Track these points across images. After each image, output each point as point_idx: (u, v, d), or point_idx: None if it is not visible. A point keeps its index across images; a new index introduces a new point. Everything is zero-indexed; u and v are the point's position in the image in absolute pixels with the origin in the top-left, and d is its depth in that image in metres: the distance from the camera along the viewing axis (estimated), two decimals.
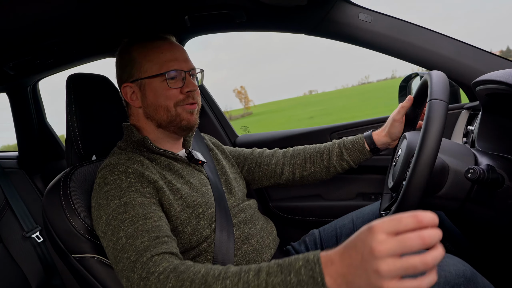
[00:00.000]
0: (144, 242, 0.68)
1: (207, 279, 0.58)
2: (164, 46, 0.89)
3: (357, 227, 1.04)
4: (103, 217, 0.74)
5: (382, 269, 0.45)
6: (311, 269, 0.51)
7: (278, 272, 0.54)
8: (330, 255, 0.52)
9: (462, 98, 1.22)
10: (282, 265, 0.54)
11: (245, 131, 1.81)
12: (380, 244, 0.46)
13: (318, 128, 1.49)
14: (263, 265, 0.57)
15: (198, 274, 0.60)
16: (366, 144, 1.02)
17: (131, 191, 0.76)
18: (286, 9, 1.09)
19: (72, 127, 0.95)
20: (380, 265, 0.45)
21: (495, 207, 0.72)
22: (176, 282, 0.60)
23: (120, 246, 0.69)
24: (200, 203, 0.84)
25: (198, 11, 1.12)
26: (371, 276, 0.46)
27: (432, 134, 0.64)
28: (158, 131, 0.91)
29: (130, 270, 0.65)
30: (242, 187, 1.04)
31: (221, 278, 0.58)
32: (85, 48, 1.27)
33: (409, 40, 1.09)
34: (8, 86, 1.67)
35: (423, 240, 0.44)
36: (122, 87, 0.90)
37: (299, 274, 0.52)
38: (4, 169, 1.71)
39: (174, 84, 0.86)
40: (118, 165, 0.79)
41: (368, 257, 0.46)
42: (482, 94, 0.83)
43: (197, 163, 0.93)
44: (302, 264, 0.52)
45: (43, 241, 1.63)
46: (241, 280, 0.56)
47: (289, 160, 1.08)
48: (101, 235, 0.75)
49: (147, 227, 0.71)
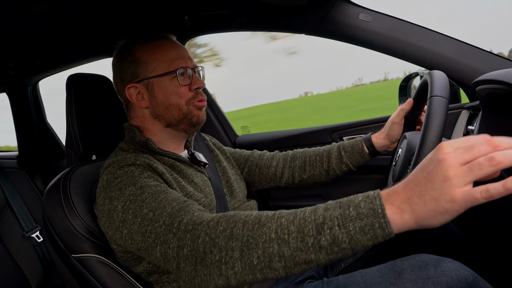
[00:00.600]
0: (175, 206, 0.65)
1: (261, 219, 0.56)
2: (168, 44, 0.88)
3: None
4: (118, 207, 0.71)
5: (450, 175, 0.44)
6: (371, 202, 0.50)
7: (336, 207, 0.52)
8: (392, 188, 0.50)
9: (462, 98, 1.22)
10: (341, 201, 0.53)
11: (245, 131, 1.81)
12: (448, 154, 0.45)
13: (318, 128, 1.49)
14: (319, 205, 0.54)
15: (251, 216, 0.57)
16: (365, 146, 1.02)
17: (144, 177, 0.74)
18: (286, 9, 1.09)
19: (72, 127, 0.94)
20: (448, 171, 0.44)
21: (495, 207, 0.72)
22: (228, 224, 0.57)
23: (148, 221, 0.65)
24: (204, 203, 0.84)
25: (198, 11, 1.12)
26: (441, 187, 0.45)
27: (433, 129, 0.64)
28: (165, 131, 0.90)
29: (167, 232, 0.62)
30: (243, 188, 1.04)
31: (275, 217, 0.55)
32: (85, 48, 1.27)
33: (409, 40, 1.09)
34: (8, 86, 1.67)
35: (492, 143, 0.44)
36: (126, 88, 0.87)
37: (359, 207, 0.50)
38: (4, 169, 1.71)
39: (183, 82, 0.86)
40: (126, 159, 0.78)
41: (436, 168, 0.46)
42: (482, 93, 0.83)
43: (199, 165, 0.92)
44: (362, 199, 0.51)
45: (43, 241, 1.63)
46: (297, 217, 0.53)
47: (289, 163, 1.09)
48: (118, 226, 0.71)
49: (171, 197, 0.69)
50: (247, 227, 0.55)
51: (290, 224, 0.53)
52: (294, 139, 1.52)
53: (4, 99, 1.75)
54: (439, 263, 0.69)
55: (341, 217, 0.50)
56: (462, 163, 0.45)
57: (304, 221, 0.52)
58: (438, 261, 0.70)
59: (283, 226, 0.53)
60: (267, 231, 0.54)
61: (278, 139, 1.56)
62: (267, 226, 0.54)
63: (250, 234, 0.54)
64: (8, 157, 1.83)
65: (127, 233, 0.69)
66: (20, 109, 1.74)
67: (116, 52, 0.92)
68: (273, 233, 0.53)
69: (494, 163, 0.43)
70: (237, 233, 0.55)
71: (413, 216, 0.47)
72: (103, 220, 0.76)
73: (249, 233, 0.55)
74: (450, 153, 0.45)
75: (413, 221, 0.47)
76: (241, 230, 0.55)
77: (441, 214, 0.45)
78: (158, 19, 1.10)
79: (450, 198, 0.44)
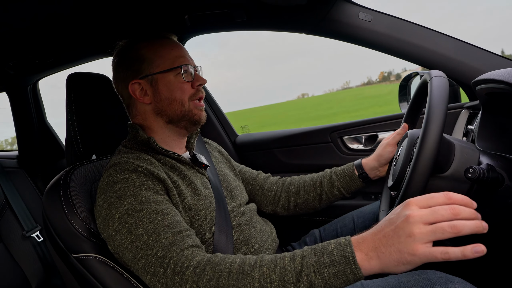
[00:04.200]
0: (169, 237, 0.68)
1: (244, 268, 0.60)
2: (171, 43, 0.91)
3: (357, 227, 1.04)
4: (115, 216, 0.73)
5: (415, 232, 0.50)
6: (343, 249, 0.56)
7: (312, 254, 0.58)
8: (361, 235, 0.57)
9: (462, 97, 1.22)
10: (316, 248, 0.58)
11: (245, 130, 1.80)
12: (414, 212, 0.52)
13: (318, 128, 1.49)
14: (297, 251, 0.60)
15: (235, 264, 0.61)
16: (355, 170, 1.04)
17: (144, 190, 0.75)
18: (286, 8, 1.09)
19: (72, 126, 0.94)
20: (413, 228, 0.50)
21: (495, 207, 0.72)
22: (214, 274, 0.61)
23: (142, 243, 0.68)
24: (202, 206, 0.84)
25: (198, 10, 1.12)
26: (405, 241, 0.51)
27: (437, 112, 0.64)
28: (167, 128, 0.91)
29: (158, 265, 0.65)
30: (244, 195, 1.04)
31: (257, 266, 0.60)
32: (84, 47, 1.27)
33: (409, 39, 1.09)
34: (8, 85, 1.67)
35: (453, 210, 0.51)
36: (130, 85, 0.88)
37: (332, 255, 0.56)
38: (4, 169, 1.71)
39: (187, 78, 0.89)
40: (127, 164, 0.79)
41: (403, 224, 0.52)
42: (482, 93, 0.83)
43: (200, 166, 0.93)
44: (335, 246, 0.57)
45: (43, 241, 1.63)
46: (277, 266, 0.59)
47: (286, 187, 1.12)
48: (111, 234, 0.73)
49: (167, 222, 0.71)
50: (232, 277, 0.60)
51: (272, 273, 0.58)
52: (294, 138, 1.52)
53: (4, 99, 1.75)
54: (447, 284, 0.65)
55: (317, 264, 0.56)
56: (426, 223, 0.51)
57: (285, 269, 0.58)
58: (446, 282, 0.65)
59: (265, 275, 0.58)
60: (250, 280, 0.59)
61: (278, 138, 1.56)
62: (251, 276, 0.59)
63: (235, 284, 0.59)
64: (8, 157, 1.84)
65: (118, 245, 0.72)
66: (20, 108, 1.74)
67: (118, 51, 0.93)
68: (256, 283, 0.58)
69: (455, 230, 0.49)
70: (223, 283, 0.60)
71: (379, 263, 0.53)
72: (99, 221, 0.78)
73: (234, 283, 0.59)
74: (417, 211, 0.52)
75: (378, 267, 0.54)
76: (226, 280, 0.60)
77: (403, 264, 0.51)
78: (158, 18, 1.10)
79: (412, 252, 0.50)
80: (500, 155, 0.73)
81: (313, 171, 1.20)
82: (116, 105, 1.01)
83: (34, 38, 1.06)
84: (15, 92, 1.71)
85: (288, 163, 1.53)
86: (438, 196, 0.53)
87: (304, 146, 1.50)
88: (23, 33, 1.00)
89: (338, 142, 1.44)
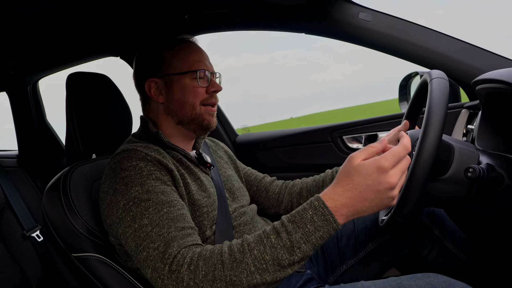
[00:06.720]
0: (171, 232, 0.67)
1: (235, 256, 0.61)
2: (192, 47, 0.93)
3: (357, 227, 1.05)
4: (120, 202, 0.72)
5: (392, 182, 0.57)
6: (322, 213, 0.59)
7: (296, 228, 0.60)
8: (327, 193, 0.61)
9: (462, 97, 1.22)
10: (295, 221, 0.61)
11: (245, 130, 1.80)
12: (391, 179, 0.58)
13: (318, 127, 1.49)
14: (276, 225, 0.62)
15: (225, 254, 0.62)
16: None
17: (152, 179, 0.75)
18: (286, 8, 1.09)
19: (72, 126, 0.95)
20: (390, 178, 0.57)
21: (495, 206, 0.72)
22: (208, 268, 0.61)
23: (145, 234, 0.68)
24: (206, 203, 0.85)
25: (198, 10, 1.12)
26: (383, 191, 0.58)
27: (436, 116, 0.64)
28: (176, 128, 0.92)
29: (159, 261, 0.65)
30: (247, 197, 1.04)
31: (247, 250, 0.61)
32: (85, 47, 1.27)
33: (409, 39, 1.09)
34: (8, 85, 1.68)
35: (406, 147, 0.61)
36: (146, 82, 0.90)
37: (314, 222, 0.59)
38: (4, 168, 1.71)
39: (202, 83, 0.89)
40: (136, 152, 0.78)
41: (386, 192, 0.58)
42: (482, 93, 0.83)
43: (205, 166, 0.93)
44: (313, 212, 0.60)
45: (43, 240, 1.63)
46: (266, 246, 0.60)
47: (289, 190, 1.12)
48: (115, 220, 0.73)
49: (172, 215, 0.70)
50: (227, 267, 0.60)
51: (264, 254, 0.60)
52: (294, 138, 1.52)
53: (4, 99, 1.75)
54: None
55: (304, 236, 0.59)
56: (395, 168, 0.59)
57: (275, 248, 0.60)
58: (449, 286, 0.67)
59: (258, 258, 0.60)
60: (245, 266, 0.60)
61: (278, 138, 1.56)
62: (244, 262, 0.60)
63: (232, 273, 0.60)
64: (8, 157, 1.84)
65: (121, 233, 0.71)
66: (20, 108, 1.74)
67: (141, 49, 0.96)
68: (252, 267, 0.60)
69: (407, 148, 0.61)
70: (219, 275, 0.60)
71: (352, 214, 0.60)
72: (103, 207, 0.77)
73: (231, 273, 0.60)
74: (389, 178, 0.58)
75: (351, 217, 0.60)
76: (222, 271, 0.60)
77: (378, 208, 0.60)
78: (158, 18, 1.10)
79: (391, 196, 0.59)
80: (500, 154, 0.73)
81: (313, 170, 1.20)
82: (116, 104, 1.01)
83: (34, 38, 1.06)
84: (15, 92, 1.71)
85: (288, 163, 1.53)
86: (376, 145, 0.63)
87: (304, 145, 1.50)
88: (23, 33, 1.00)
89: (338, 141, 1.44)
